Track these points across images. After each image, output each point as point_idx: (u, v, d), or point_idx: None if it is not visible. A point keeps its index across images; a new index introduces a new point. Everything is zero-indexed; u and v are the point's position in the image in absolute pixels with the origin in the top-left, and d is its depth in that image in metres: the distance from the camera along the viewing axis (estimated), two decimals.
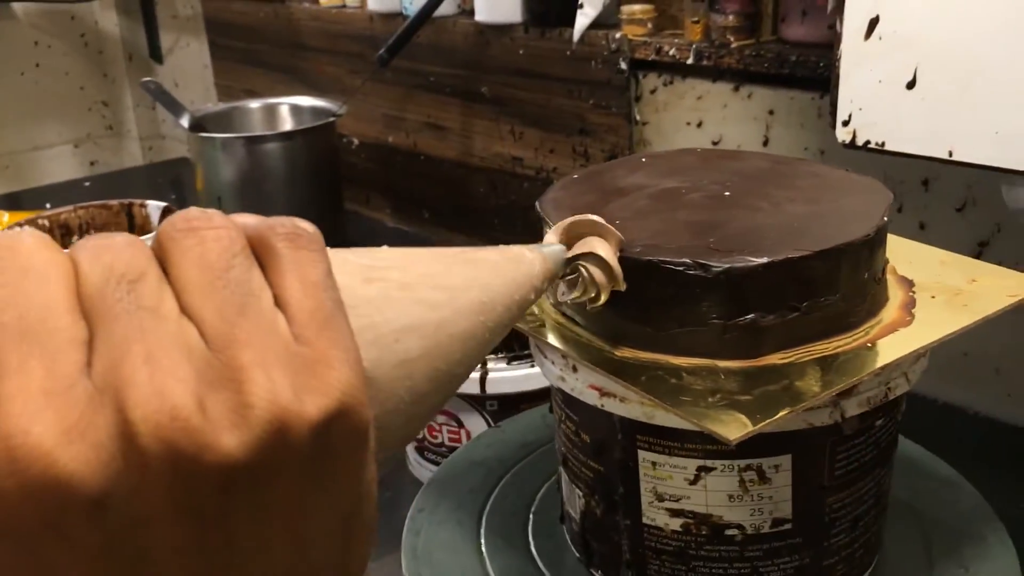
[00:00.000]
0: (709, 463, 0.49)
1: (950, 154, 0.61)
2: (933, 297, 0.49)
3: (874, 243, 0.47)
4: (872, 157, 0.67)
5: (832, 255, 0.45)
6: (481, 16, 1.15)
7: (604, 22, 1.05)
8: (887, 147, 0.64)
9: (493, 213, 1.27)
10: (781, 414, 0.41)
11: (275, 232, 0.25)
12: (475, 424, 0.79)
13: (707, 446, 0.48)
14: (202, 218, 0.24)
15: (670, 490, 0.50)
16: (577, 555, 0.58)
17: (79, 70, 1.96)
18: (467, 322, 0.32)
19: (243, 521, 0.23)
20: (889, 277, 0.51)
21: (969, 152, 0.60)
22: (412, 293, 0.30)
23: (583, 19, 1.03)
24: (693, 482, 0.50)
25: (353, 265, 0.29)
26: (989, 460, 0.79)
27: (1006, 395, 0.85)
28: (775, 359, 0.45)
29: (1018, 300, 0.47)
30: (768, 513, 0.49)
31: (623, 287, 0.45)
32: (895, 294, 0.50)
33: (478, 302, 0.32)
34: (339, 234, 1.29)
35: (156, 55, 1.90)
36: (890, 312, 0.48)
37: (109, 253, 0.23)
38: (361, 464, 0.25)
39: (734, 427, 0.40)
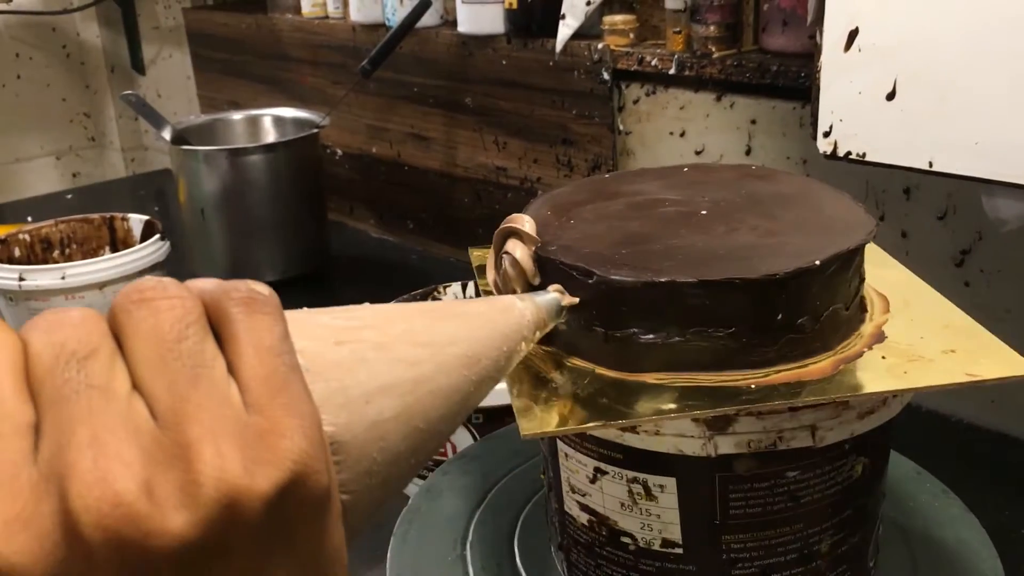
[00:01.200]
0: (603, 466, 0.50)
1: (930, 165, 0.61)
2: (883, 358, 0.47)
3: (789, 287, 0.45)
4: (855, 166, 0.67)
5: (719, 288, 0.44)
6: (464, 27, 1.15)
7: (586, 33, 1.05)
8: (868, 158, 0.64)
9: (477, 223, 1.27)
10: (587, 424, 0.43)
11: (229, 297, 0.25)
12: (461, 438, 0.79)
13: (600, 449, 0.49)
14: (156, 288, 0.24)
15: (577, 484, 0.52)
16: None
17: (61, 82, 1.95)
18: (449, 378, 0.31)
19: None
20: (869, 327, 0.50)
21: (949, 163, 0.60)
22: (388, 353, 0.29)
23: (565, 30, 1.04)
24: (592, 481, 0.51)
25: (325, 328, 0.29)
26: (973, 467, 0.79)
27: (989, 402, 0.85)
28: (650, 378, 0.45)
29: (959, 382, 0.44)
30: (657, 531, 0.50)
31: (536, 281, 0.48)
32: (851, 345, 0.48)
33: (462, 356, 0.32)
34: (323, 245, 1.28)
35: (138, 66, 1.90)
36: (822, 361, 0.47)
37: (62, 331, 0.23)
38: (323, 530, 0.25)
39: (536, 424, 0.42)
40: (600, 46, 1.03)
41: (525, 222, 0.50)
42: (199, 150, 1.20)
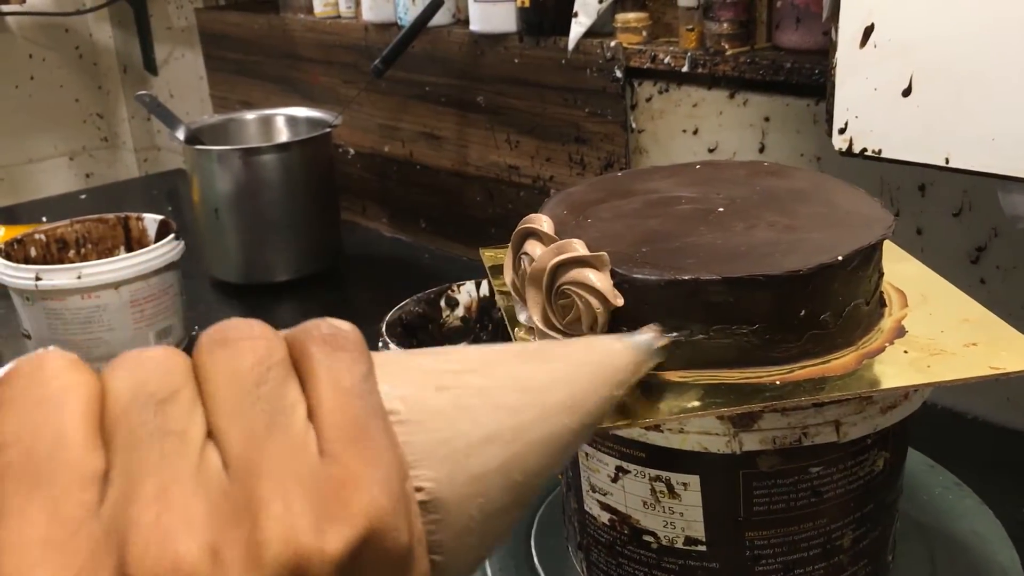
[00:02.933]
0: (625, 465, 0.50)
1: (947, 161, 0.61)
2: (906, 352, 0.47)
3: (812, 283, 0.45)
4: (869, 163, 0.67)
5: (742, 285, 0.44)
6: (476, 26, 1.15)
7: (599, 30, 1.05)
8: (883, 154, 0.64)
9: (489, 222, 1.27)
10: (616, 423, 0.43)
11: (310, 335, 0.23)
12: None
13: (622, 448, 0.49)
14: (240, 328, 0.23)
15: (598, 483, 0.52)
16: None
17: (74, 82, 1.96)
18: (550, 426, 0.29)
19: None
20: (888, 322, 0.49)
21: (965, 159, 0.60)
22: (490, 399, 0.27)
23: (578, 28, 1.04)
24: (614, 480, 0.51)
25: (424, 373, 0.27)
26: (990, 466, 0.79)
27: (1006, 400, 0.85)
28: (673, 376, 0.45)
29: (983, 375, 0.44)
30: (680, 529, 0.50)
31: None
32: (872, 340, 0.48)
33: (563, 404, 0.30)
34: (336, 244, 1.29)
35: (151, 67, 1.90)
36: (844, 357, 0.46)
37: (143, 370, 0.21)
38: None
39: None
40: (613, 44, 1.03)
41: (543, 222, 0.49)
42: (213, 150, 1.20)
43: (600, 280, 0.45)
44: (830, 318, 0.46)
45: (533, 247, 0.48)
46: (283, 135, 1.33)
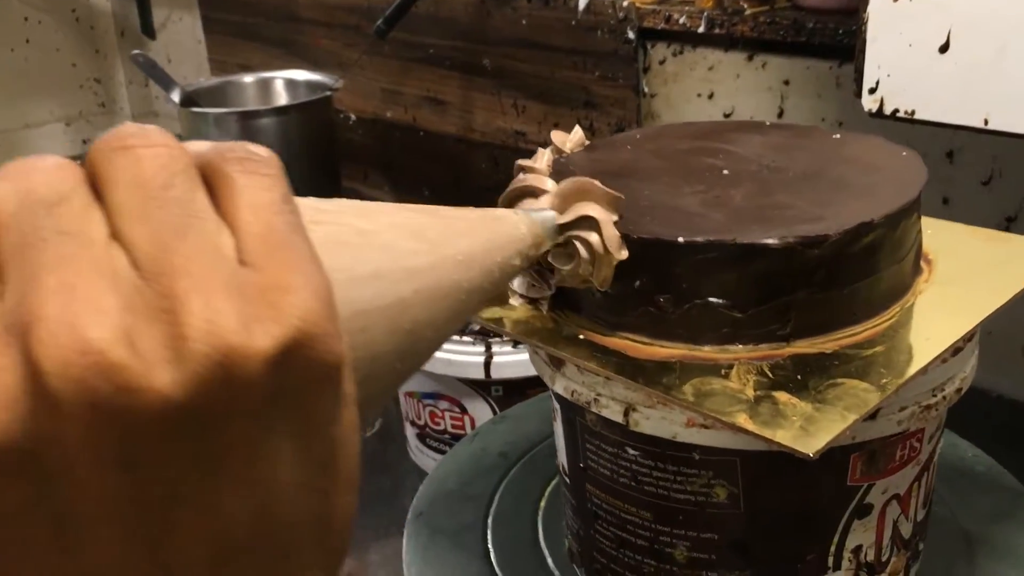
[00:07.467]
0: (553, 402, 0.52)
1: (985, 122, 0.57)
2: (724, 377, 0.41)
3: (648, 255, 0.41)
4: (895, 128, 0.63)
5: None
6: None
7: None
8: (917, 115, 0.60)
9: (495, 190, 1.22)
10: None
11: (224, 157, 0.22)
12: (479, 411, 0.76)
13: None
14: (138, 135, 0.21)
15: None
16: None
17: (70, 46, 1.93)
18: (441, 278, 0.29)
19: (188, 472, 0.20)
20: (801, 345, 0.42)
21: (1006, 120, 0.56)
22: (374, 239, 0.27)
23: None
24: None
25: (302, 207, 0.25)
26: (1012, 443, 0.76)
27: None
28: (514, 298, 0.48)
29: (748, 431, 0.37)
30: (559, 452, 0.52)
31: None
32: (732, 352, 0.42)
33: (456, 259, 0.29)
34: None
35: (148, 30, 1.86)
36: (670, 349, 0.43)
37: (30, 177, 0.20)
38: (333, 407, 0.22)
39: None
40: (625, 4, 0.99)
41: (568, 137, 0.52)
42: (209, 113, 1.17)
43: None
44: (667, 303, 0.42)
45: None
46: (282, 99, 1.30)
